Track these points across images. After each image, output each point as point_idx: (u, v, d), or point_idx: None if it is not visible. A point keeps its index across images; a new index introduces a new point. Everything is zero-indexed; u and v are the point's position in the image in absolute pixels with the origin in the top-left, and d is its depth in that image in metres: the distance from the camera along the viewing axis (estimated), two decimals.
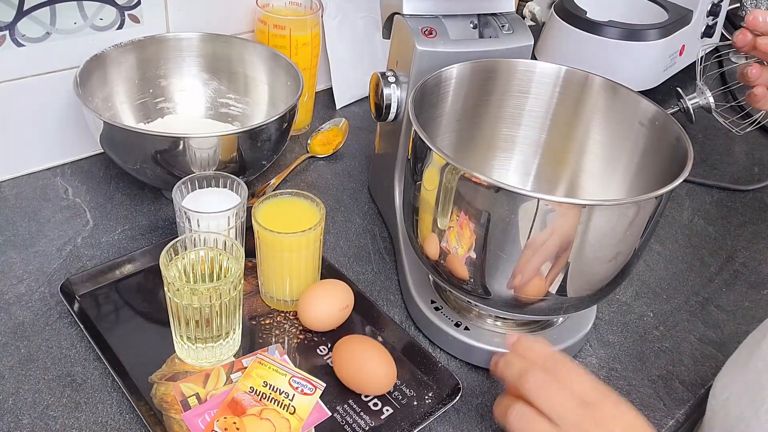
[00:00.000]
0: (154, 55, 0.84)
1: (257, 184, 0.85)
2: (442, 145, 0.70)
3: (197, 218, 0.64)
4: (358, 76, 1.03)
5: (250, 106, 0.87)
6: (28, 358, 0.61)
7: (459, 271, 0.58)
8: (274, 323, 0.66)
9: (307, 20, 0.88)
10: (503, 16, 0.73)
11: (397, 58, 0.73)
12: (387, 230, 0.81)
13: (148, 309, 0.66)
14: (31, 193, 0.79)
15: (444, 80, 0.66)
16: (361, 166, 0.92)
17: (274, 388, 0.58)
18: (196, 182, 0.67)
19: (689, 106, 1.03)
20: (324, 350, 0.64)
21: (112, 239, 0.75)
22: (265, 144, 0.74)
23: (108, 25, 0.80)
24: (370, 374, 0.59)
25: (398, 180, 0.77)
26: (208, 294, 0.56)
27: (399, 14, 0.71)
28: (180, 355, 0.61)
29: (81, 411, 0.57)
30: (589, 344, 0.69)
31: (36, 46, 0.76)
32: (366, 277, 0.74)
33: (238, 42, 0.86)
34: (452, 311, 0.67)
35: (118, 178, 0.83)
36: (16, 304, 0.66)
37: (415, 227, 0.63)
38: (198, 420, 0.56)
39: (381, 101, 0.72)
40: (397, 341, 0.65)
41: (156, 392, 0.58)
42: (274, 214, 0.65)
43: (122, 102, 0.82)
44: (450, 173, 0.54)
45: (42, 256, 0.71)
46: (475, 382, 0.64)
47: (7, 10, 0.72)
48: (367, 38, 1.02)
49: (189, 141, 0.68)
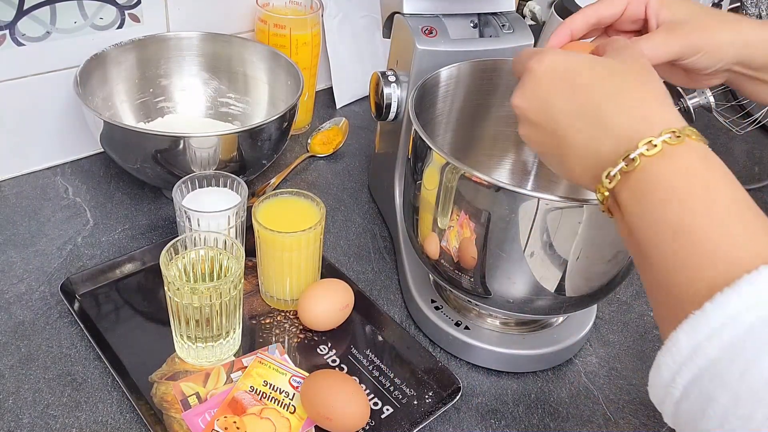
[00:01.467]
0: (155, 55, 0.84)
1: (257, 184, 0.85)
2: (443, 144, 0.70)
3: (197, 217, 0.64)
4: (359, 75, 1.03)
5: (251, 106, 0.87)
6: (29, 358, 0.61)
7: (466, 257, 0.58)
8: (275, 322, 0.66)
9: (307, 19, 0.88)
10: (503, 15, 0.73)
11: (397, 57, 0.73)
12: (387, 229, 0.81)
13: (148, 308, 0.66)
14: (32, 193, 0.80)
15: (444, 80, 0.66)
16: (362, 165, 0.92)
17: (274, 388, 0.58)
18: (197, 181, 0.67)
19: (689, 105, 1.03)
20: (324, 350, 0.64)
21: (113, 238, 0.75)
22: (266, 143, 0.74)
23: (108, 25, 0.80)
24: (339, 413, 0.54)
25: (398, 179, 0.77)
26: (208, 293, 0.56)
27: (399, 13, 0.71)
28: (180, 354, 0.61)
29: (81, 410, 0.57)
30: (589, 343, 0.69)
31: (36, 46, 0.76)
32: (366, 277, 0.74)
33: (238, 41, 0.86)
34: (452, 310, 0.67)
35: (119, 178, 0.83)
36: (16, 303, 0.66)
37: (415, 227, 0.63)
38: (198, 419, 0.56)
39: (381, 100, 0.72)
40: (397, 340, 0.65)
41: (156, 391, 0.58)
42: (274, 213, 0.65)
43: (122, 101, 0.82)
44: (450, 173, 0.54)
45: (42, 255, 0.71)
46: (475, 381, 0.64)
47: (7, 9, 0.72)
48: (368, 37, 1.02)
49: (189, 140, 0.68)
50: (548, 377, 0.65)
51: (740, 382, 0.30)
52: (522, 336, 0.66)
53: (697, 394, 0.32)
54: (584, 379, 0.65)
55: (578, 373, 0.66)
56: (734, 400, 0.30)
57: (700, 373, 0.32)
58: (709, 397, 0.31)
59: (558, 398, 0.63)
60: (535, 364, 0.65)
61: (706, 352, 0.32)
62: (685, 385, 0.33)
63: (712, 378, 0.31)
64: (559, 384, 0.65)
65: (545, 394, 0.64)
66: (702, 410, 0.32)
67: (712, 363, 0.31)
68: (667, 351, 0.33)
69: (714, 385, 0.31)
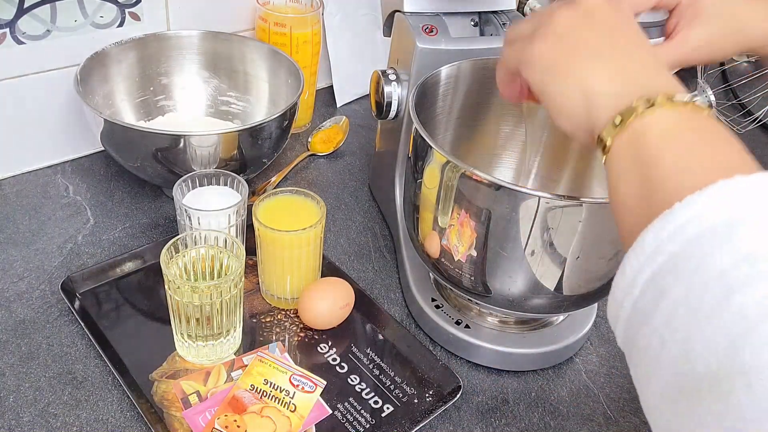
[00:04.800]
0: (155, 53, 0.84)
1: (258, 182, 0.85)
2: (443, 143, 0.70)
3: (198, 216, 0.64)
4: (359, 73, 1.03)
5: (251, 104, 0.87)
6: (29, 356, 0.61)
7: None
8: (275, 321, 0.66)
9: (307, 18, 0.88)
10: (504, 13, 0.73)
11: (397, 56, 0.73)
12: (387, 228, 0.81)
13: (148, 307, 0.66)
14: (32, 191, 0.80)
15: (445, 78, 0.66)
16: (362, 164, 0.92)
17: (274, 386, 0.58)
18: (197, 180, 0.67)
19: None
20: (325, 348, 0.64)
21: (113, 237, 0.75)
22: (266, 142, 0.74)
23: (108, 23, 0.80)
24: None
25: (399, 178, 0.77)
26: (208, 292, 0.56)
27: (400, 12, 0.71)
28: (181, 352, 0.61)
29: (82, 408, 0.57)
30: (590, 342, 0.69)
31: (36, 44, 0.76)
32: (366, 275, 0.74)
33: (238, 40, 0.86)
34: (453, 309, 0.67)
35: (119, 176, 0.83)
36: (16, 301, 0.66)
37: (415, 225, 0.63)
38: (199, 418, 0.56)
39: (382, 99, 0.72)
40: (397, 339, 0.65)
41: (157, 390, 0.58)
42: (274, 211, 0.65)
43: (123, 100, 0.82)
44: (451, 171, 0.54)
45: (43, 253, 0.71)
46: (475, 380, 0.64)
47: (7, 7, 0.72)
48: (368, 36, 1.02)
49: (189, 139, 0.68)
50: (549, 376, 0.65)
51: (693, 275, 0.31)
52: (522, 335, 0.66)
53: (653, 290, 0.32)
54: (585, 378, 0.65)
55: (579, 372, 0.66)
56: (686, 292, 0.31)
57: (659, 268, 0.32)
58: (663, 291, 0.32)
59: (558, 397, 0.63)
60: (536, 363, 0.65)
61: (667, 248, 0.32)
62: (644, 283, 0.33)
63: (669, 271, 0.32)
64: (560, 383, 0.65)
65: (546, 392, 0.64)
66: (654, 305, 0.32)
67: (671, 257, 0.32)
68: (632, 251, 0.34)
69: (670, 279, 0.32)
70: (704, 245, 0.31)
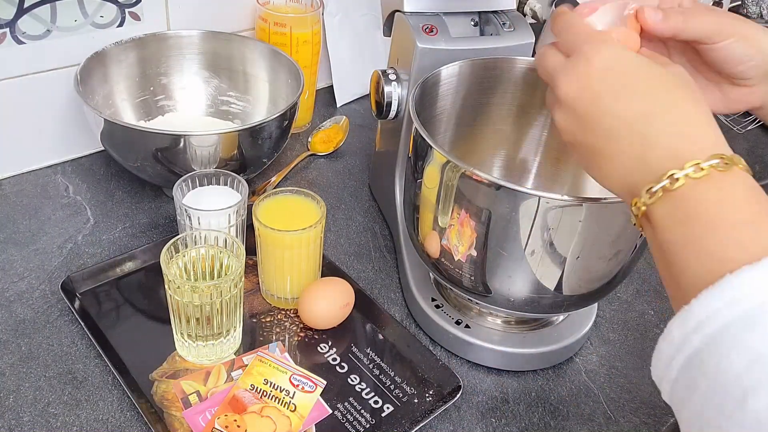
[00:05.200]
0: (155, 53, 0.84)
1: (258, 182, 0.85)
2: (443, 142, 0.70)
3: (198, 216, 0.64)
4: (359, 73, 1.03)
5: (251, 104, 0.87)
6: (29, 356, 0.61)
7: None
8: (275, 321, 0.66)
9: (307, 18, 0.88)
10: (504, 13, 0.73)
11: (397, 55, 0.73)
12: (388, 228, 0.81)
13: (148, 306, 0.66)
14: (32, 191, 0.79)
15: (445, 78, 0.66)
16: (362, 163, 0.92)
17: (274, 386, 0.58)
18: (197, 180, 0.67)
19: None
20: (325, 348, 0.64)
21: (113, 237, 0.75)
22: (266, 142, 0.74)
23: (108, 23, 0.80)
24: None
25: (399, 178, 0.77)
26: (208, 291, 0.56)
27: (400, 12, 0.71)
28: (181, 352, 0.61)
29: (82, 408, 0.57)
30: (590, 342, 0.69)
31: (36, 44, 0.76)
32: (366, 275, 0.74)
33: (238, 40, 0.86)
34: (453, 309, 0.67)
35: (119, 176, 0.83)
36: (17, 301, 0.66)
37: (415, 225, 0.63)
38: (199, 417, 0.56)
39: (382, 99, 0.72)
40: (397, 339, 0.65)
41: (157, 390, 0.58)
42: (274, 211, 0.65)
43: (123, 100, 0.82)
44: (451, 171, 0.54)
45: (43, 253, 0.71)
46: (475, 380, 0.64)
47: (7, 7, 0.72)
48: (368, 36, 1.02)
49: (190, 139, 0.68)
50: (549, 376, 0.65)
51: (716, 373, 0.32)
52: (522, 334, 0.66)
53: (687, 379, 0.34)
54: (585, 378, 0.65)
55: (579, 372, 0.66)
56: (711, 389, 0.32)
57: (689, 361, 0.34)
58: (694, 383, 0.34)
59: (558, 397, 0.63)
60: (536, 363, 0.65)
61: (692, 343, 0.34)
62: (679, 369, 0.35)
63: (698, 366, 0.34)
64: (560, 382, 0.65)
65: (546, 392, 0.64)
66: (689, 395, 0.34)
67: (696, 353, 0.34)
68: (663, 338, 0.36)
69: (698, 373, 0.33)
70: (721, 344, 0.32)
